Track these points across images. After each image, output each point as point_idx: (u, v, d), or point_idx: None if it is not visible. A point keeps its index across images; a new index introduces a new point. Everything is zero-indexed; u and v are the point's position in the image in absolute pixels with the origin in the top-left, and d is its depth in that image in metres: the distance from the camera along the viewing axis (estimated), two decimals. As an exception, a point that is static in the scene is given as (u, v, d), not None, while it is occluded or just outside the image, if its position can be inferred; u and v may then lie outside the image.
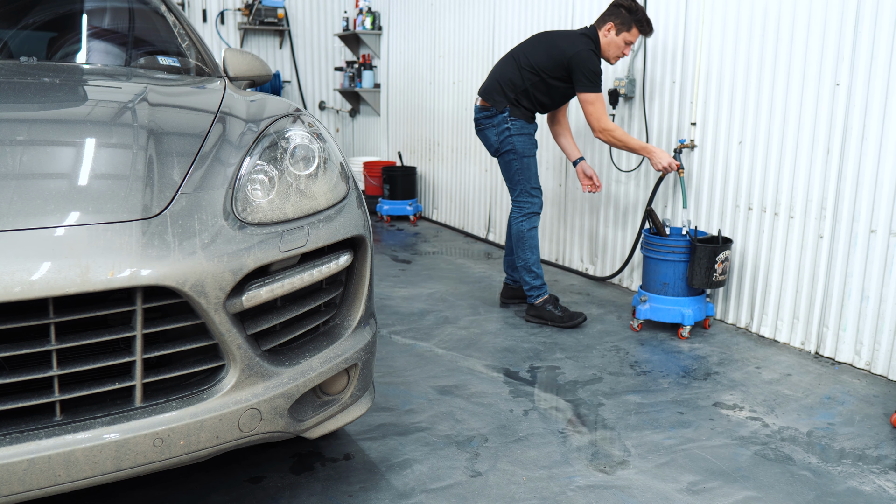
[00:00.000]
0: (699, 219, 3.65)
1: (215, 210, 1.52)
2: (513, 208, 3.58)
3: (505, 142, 3.47)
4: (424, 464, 2.16)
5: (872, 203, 2.88)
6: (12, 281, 1.26)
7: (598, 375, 2.88)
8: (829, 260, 3.07)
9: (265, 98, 2.05)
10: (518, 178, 3.50)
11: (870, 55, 2.84)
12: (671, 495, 2.02)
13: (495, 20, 5.15)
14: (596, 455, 2.24)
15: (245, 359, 1.51)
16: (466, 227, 5.82)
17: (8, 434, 1.32)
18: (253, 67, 2.57)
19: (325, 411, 1.76)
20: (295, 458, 2.17)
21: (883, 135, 2.82)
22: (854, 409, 2.61)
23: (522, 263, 3.54)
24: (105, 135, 1.66)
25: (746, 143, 3.37)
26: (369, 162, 6.62)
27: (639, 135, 3.98)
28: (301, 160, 1.72)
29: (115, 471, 1.39)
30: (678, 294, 3.31)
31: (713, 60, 3.51)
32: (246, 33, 7.15)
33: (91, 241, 1.35)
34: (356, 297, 1.82)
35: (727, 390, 2.75)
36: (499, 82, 3.49)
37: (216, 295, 1.43)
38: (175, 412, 1.44)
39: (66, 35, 2.59)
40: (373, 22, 6.85)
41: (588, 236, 4.46)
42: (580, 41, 3.36)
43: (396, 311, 3.68)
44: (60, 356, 1.36)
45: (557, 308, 3.49)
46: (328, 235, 1.67)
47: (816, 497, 2.03)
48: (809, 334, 3.18)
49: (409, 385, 2.75)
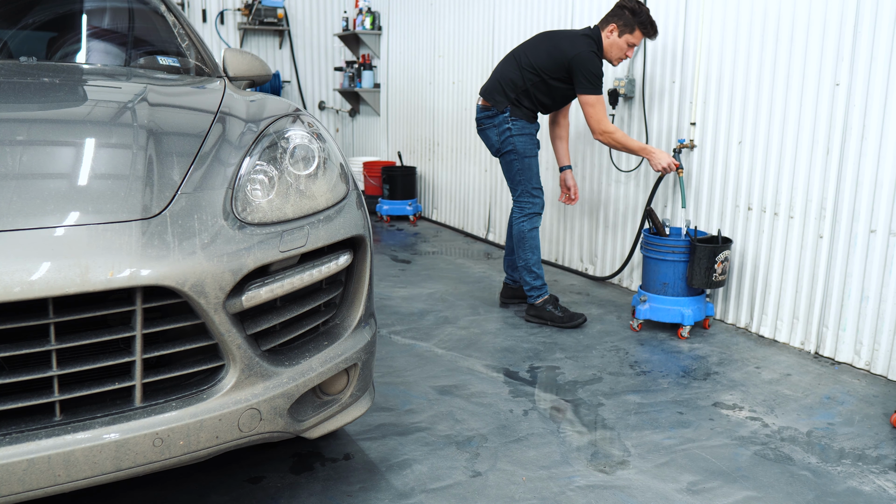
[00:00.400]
0: (699, 219, 3.65)
1: (215, 210, 1.52)
2: (514, 208, 3.58)
3: (506, 142, 3.47)
4: (424, 464, 2.16)
5: (872, 203, 2.88)
6: (12, 281, 1.26)
7: (598, 375, 2.88)
8: (829, 260, 3.07)
9: (265, 98, 2.05)
10: (519, 179, 3.50)
11: (869, 55, 2.84)
12: (671, 495, 2.02)
13: (495, 20, 5.15)
14: (596, 455, 2.24)
15: (245, 359, 1.51)
16: (466, 227, 5.82)
17: (8, 434, 1.32)
18: (253, 67, 2.57)
19: (325, 411, 1.76)
20: (295, 458, 2.17)
21: (882, 134, 2.82)
22: (854, 408, 2.61)
23: (523, 263, 3.53)
24: (105, 135, 1.66)
25: (746, 143, 3.37)
26: (369, 162, 6.62)
27: (638, 135, 3.98)
28: (301, 160, 1.72)
29: (115, 471, 1.39)
30: (678, 294, 3.31)
31: (713, 60, 3.51)
32: (245, 33, 7.15)
33: (91, 241, 1.35)
34: (356, 297, 1.82)
35: (727, 390, 2.75)
36: (500, 82, 3.48)
37: (216, 295, 1.43)
38: (175, 412, 1.43)
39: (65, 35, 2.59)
40: (372, 22, 6.85)
41: (588, 236, 4.46)
42: (582, 42, 3.35)
43: (396, 311, 3.68)
44: (60, 356, 1.36)
45: (557, 308, 3.49)
46: (328, 235, 1.67)
47: (816, 497, 2.03)
48: (809, 334, 3.18)
49: (409, 385, 2.75)
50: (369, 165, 6.57)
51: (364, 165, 6.59)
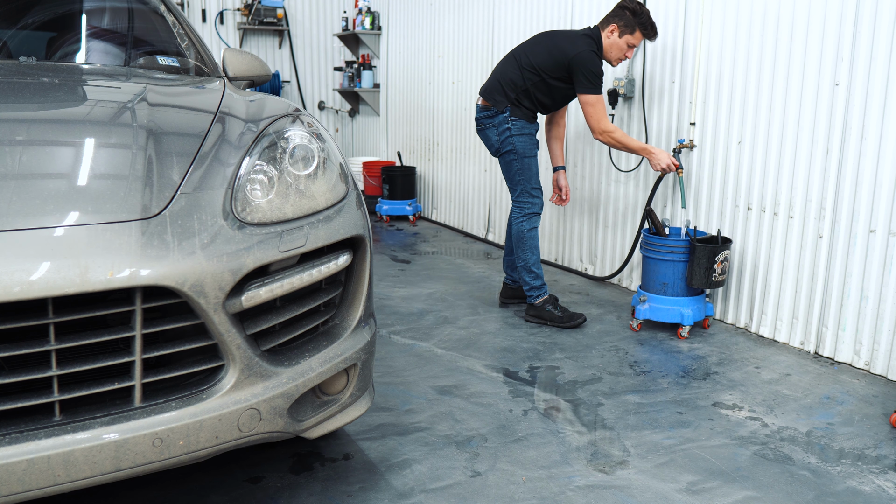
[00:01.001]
0: (698, 219, 3.65)
1: (214, 210, 1.52)
2: (513, 208, 3.58)
3: (506, 142, 3.47)
4: (424, 464, 2.16)
5: (871, 203, 2.88)
6: (11, 281, 1.26)
7: (598, 375, 2.88)
8: (829, 260, 3.07)
9: (264, 98, 2.05)
10: (519, 179, 3.50)
11: (869, 55, 2.84)
12: (670, 495, 2.02)
13: (494, 20, 5.15)
14: (595, 455, 2.24)
15: (244, 359, 1.51)
16: (466, 227, 5.82)
17: (7, 434, 1.32)
18: (252, 67, 2.57)
19: (325, 411, 1.76)
20: (294, 458, 2.17)
21: (882, 134, 2.82)
22: (853, 408, 2.61)
23: (522, 263, 3.54)
24: (104, 135, 1.66)
25: (746, 143, 3.37)
26: (368, 162, 6.62)
27: (638, 135, 3.98)
28: (300, 160, 1.72)
29: (115, 471, 1.39)
30: (677, 294, 3.31)
31: (712, 60, 3.51)
32: (245, 33, 7.15)
33: (90, 241, 1.35)
34: (355, 297, 1.82)
35: (726, 390, 2.75)
36: (500, 82, 3.48)
37: (215, 295, 1.43)
38: (174, 412, 1.43)
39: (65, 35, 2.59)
40: (372, 22, 6.85)
41: (587, 236, 4.46)
42: (582, 42, 3.35)
43: (396, 311, 3.68)
44: (60, 356, 1.36)
45: (557, 308, 3.49)
46: (327, 235, 1.67)
47: (816, 497, 2.03)
48: (809, 334, 3.18)
49: (409, 385, 2.75)
50: (369, 165, 6.57)
51: (364, 165, 6.59)
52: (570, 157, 4.54)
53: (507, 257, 3.82)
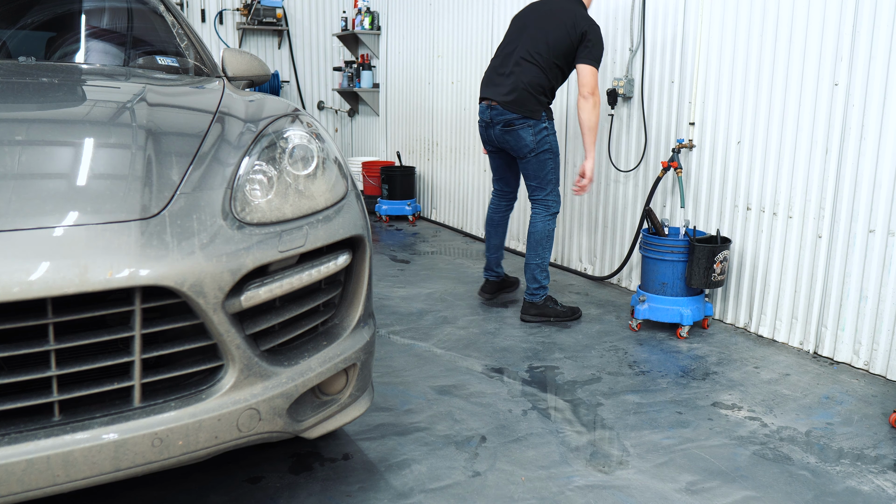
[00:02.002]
0: (698, 218, 3.65)
1: (214, 210, 1.52)
2: (537, 208, 3.52)
3: (543, 141, 3.44)
4: (423, 464, 2.16)
5: (871, 203, 2.89)
6: (11, 281, 1.26)
7: (597, 375, 2.88)
8: (828, 260, 3.07)
9: (264, 98, 2.05)
10: (550, 178, 3.51)
11: (868, 55, 2.84)
12: (670, 495, 2.02)
13: (494, 20, 5.15)
14: (595, 455, 2.24)
15: (244, 359, 1.51)
16: (465, 226, 5.82)
17: (6, 434, 1.32)
18: (252, 67, 2.57)
19: (324, 411, 1.76)
20: (294, 458, 2.17)
21: (881, 134, 2.82)
22: (852, 408, 2.61)
23: (539, 261, 3.52)
24: (103, 135, 1.66)
25: (745, 143, 3.37)
26: (368, 162, 6.62)
27: (637, 135, 3.99)
28: (300, 160, 1.72)
29: (114, 471, 1.39)
30: (677, 294, 3.31)
31: (712, 60, 3.51)
32: (244, 33, 7.15)
33: (90, 241, 1.35)
34: (355, 297, 1.82)
35: (726, 390, 2.75)
36: (528, 91, 3.39)
37: (215, 295, 1.42)
38: (174, 412, 1.43)
39: (64, 35, 2.59)
40: (371, 22, 6.85)
41: (587, 236, 4.46)
42: (582, 11, 3.42)
43: (395, 311, 3.68)
44: (59, 356, 1.36)
45: (558, 304, 3.54)
46: (327, 235, 1.67)
47: (815, 497, 2.03)
48: (808, 334, 3.18)
49: (408, 385, 2.75)
50: (368, 165, 6.57)
51: (363, 165, 6.59)
52: (569, 157, 4.54)
53: (494, 255, 3.80)
